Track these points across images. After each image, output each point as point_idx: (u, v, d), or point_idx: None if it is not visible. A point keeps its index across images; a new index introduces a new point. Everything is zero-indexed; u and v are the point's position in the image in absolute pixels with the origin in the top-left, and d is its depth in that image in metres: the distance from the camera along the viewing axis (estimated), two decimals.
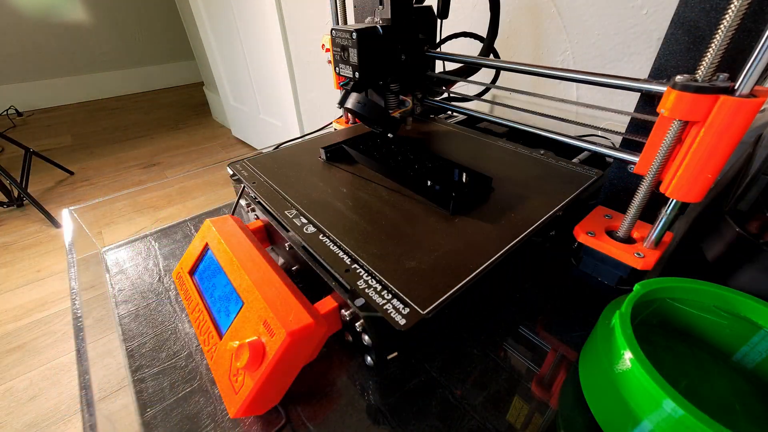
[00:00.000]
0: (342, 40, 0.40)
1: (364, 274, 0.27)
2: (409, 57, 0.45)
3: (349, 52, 0.40)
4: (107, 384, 0.31)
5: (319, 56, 1.24)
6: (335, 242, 0.31)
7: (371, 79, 0.42)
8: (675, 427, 0.21)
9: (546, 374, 0.29)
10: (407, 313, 0.24)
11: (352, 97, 0.41)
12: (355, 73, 0.41)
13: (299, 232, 0.32)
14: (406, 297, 0.25)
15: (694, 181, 0.26)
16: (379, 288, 0.26)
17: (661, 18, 0.49)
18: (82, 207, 0.51)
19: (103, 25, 2.90)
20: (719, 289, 0.28)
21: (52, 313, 1.15)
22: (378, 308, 0.24)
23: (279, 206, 0.36)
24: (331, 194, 0.38)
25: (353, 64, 0.40)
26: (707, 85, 0.23)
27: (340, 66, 0.43)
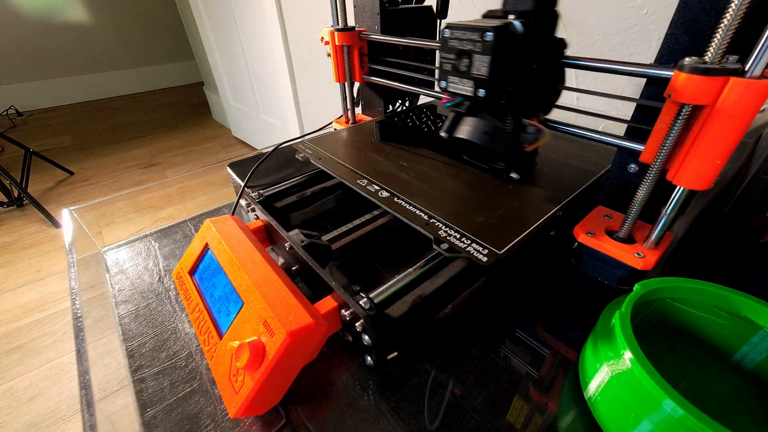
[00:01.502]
0: (462, 43, 0.29)
1: (442, 226, 0.31)
2: (541, 65, 0.31)
3: (473, 60, 0.29)
4: (107, 384, 0.31)
5: (319, 56, 1.24)
6: (409, 203, 0.34)
7: (500, 99, 0.31)
8: (675, 427, 0.21)
9: (546, 374, 0.29)
10: (487, 252, 0.27)
11: (468, 122, 0.32)
12: (477, 90, 0.30)
13: (375, 196, 0.35)
14: (483, 242, 0.28)
15: (703, 167, 0.25)
16: (458, 236, 0.29)
17: (661, 18, 0.49)
18: (82, 207, 0.51)
19: (103, 25, 2.89)
20: (719, 289, 0.28)
21: (52, 313, 1.15)
22: (461, 250, 0.28)
23: (350, 177, 0.38)
24: (394, 167, 0.41)
25: (479, 78, 0.29)
26: (717, 66, 0.22)
27: (452, 80, 0.31)
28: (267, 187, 0.43)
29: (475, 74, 0.30)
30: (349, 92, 0.57)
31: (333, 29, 0.51)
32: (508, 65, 0.29)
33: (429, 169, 0.41)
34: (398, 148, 0.46)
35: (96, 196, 1.78)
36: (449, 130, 0.35)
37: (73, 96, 2.99)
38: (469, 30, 0.29)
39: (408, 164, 0.41)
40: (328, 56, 0.54)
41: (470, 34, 0.29)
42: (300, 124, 1.57)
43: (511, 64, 0.29)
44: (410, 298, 0.28)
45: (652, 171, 0.28)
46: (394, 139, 0.48)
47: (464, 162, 0.41)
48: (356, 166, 0.41)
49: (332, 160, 0.42)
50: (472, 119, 0.33)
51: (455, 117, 0.34)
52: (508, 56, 0.29)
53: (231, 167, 0.49)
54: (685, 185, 0.27)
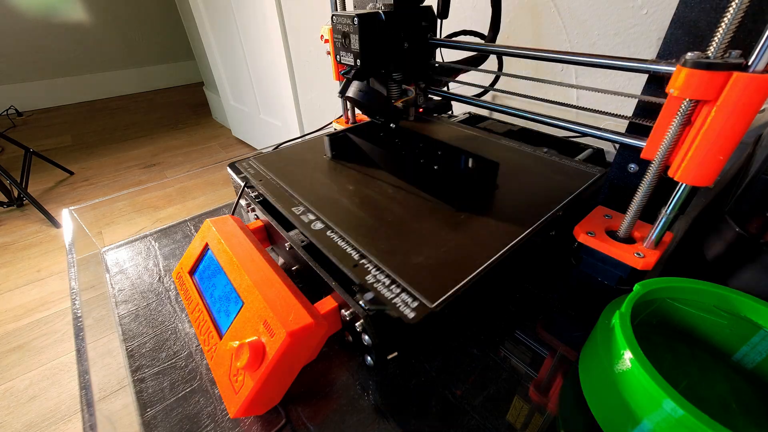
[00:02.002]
0: (343, 26, 0.39)
1: (372, 269, 0.28)
2: (412, 44, 0.43)
3: (350, 39, 0.38)
4: (107, 384, 0.31)
5: (319, 56, 1.24)
6: (343, 238, 0.31)
7: (373, 67, 0.41)
8: (675, 427, 0.21)
9: (546, 374, 0.29)
10: (416, 306, 0.25)
11: (353, 85, 0.40)
12: (356, 60, 0.39)
13: (307, 228, 0.33)
14: (414, 291, 0.26)
15: (705, 163, 0.25)
16: (387, 282, 0.27)
17: (661, 18, 0.49)
18: (82, 207, 0.51)
19: (103, 25, 2.89)
20: (719, 289, 0.28)
21: (52, 313, 1.15)
22: (386, 302, 0.25)
23: (286, 203, 0.37)
24: (338, 191, 0.38)
25: (354, 51, 0.39)
26: (720, 61, 0.22)
27: (341, 53, 0.41)
28: None
29: (353, 49, 0.39)
30: None
31: None
32: (374, 43, 0.39)
33: (376, 193, 0.38)
34: (348, 167, 0.44)
35: (96, 196, 1.78)
36: (342, 91, 0.41)
37: (73, 96, 2.99)
38: (346, 17, 0.38)
39: (354, 188, 0.39)
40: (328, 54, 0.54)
41: (347, 19, 0.38)
42: (300, 124, 1.57)
43: (378, 42, 0.39)
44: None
45: (653, 168, 0.28)
46: (347, 156, 0.46)
47: (418, 182, 0.39)
48: (297, 189, 0.39)
49: (272, 182, 0.40)
50: (356, 82, 0.40)
51: (346, 81, 0.41)
52: (375, 36, 0.38)
53: (231, 167, 0.48)
54: (687, 182, 0.26)
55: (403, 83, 0.46)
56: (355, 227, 0.32)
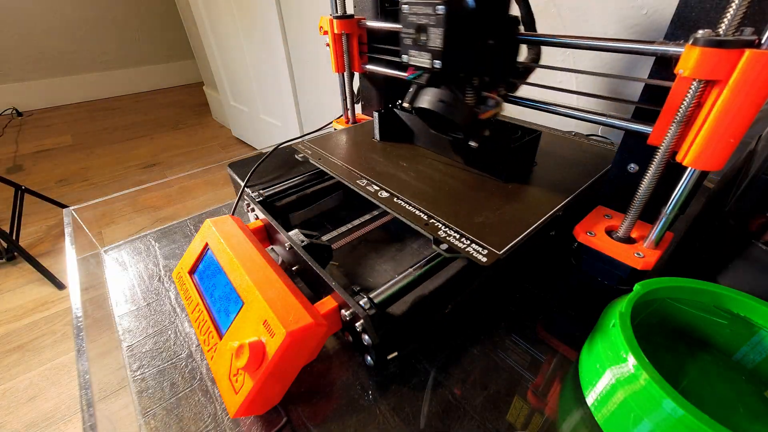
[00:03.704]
0: (418, 17, 0.31)
1: (441, 227, 0.31)
2: (497, 41, 0.34)
3: (429, 33, 0.31)
4: (107, 384, 0.31)
5: (319, 56, 1.24)
6: (409, 203, 0.34)
7: (455, 70, 0.33)
8: (675, 427, 0.21)
9: (546, 374, 0.29)
10: (486, 253, 0.28)
11: (426, 93, 0.34)
12: (434, 61, 0.32)
13: (374, 197, 0.35)
14: (482, 242, 0.29)
15: (716, 146, 0.24)
16: (457, 236, 0.30)
17: (661, 18, 0.49)
18: (82, 207, 0.51)
19: (104, 24, 2.89)
20: (719, 289, 0.28)
21: (52, 313, 1.15)
22: (461, 250, 0.28)
23: (349, 177, 0.39)
24: (393, 167, 0.41)
25: (434, 50, 0.31)
26: (732, 38, 0.22)
27: (411, 53, 0.33)
28: (267, 187, 0.43)
29: (431, 46, 0.32)
30: (348, 84, 0.57)
31: (332, 17, 0.50)
32: (461, 38, 0.31)
33: (428, 169, 0.41)
34: (397, 148, 0.46)
35: (96, 196, 1.77)
36: (411, 101, 0.35)
37: (73, 96, 2.99)
38: (423, 4, 0.30)
39: (407, 164, 0.42)
40: (327, 46, 0.54)
41: (424, 8, 0.31)
42: (300, 124, 1.57)
43: (465, 37, 0.31)
44: (410, 298, 0.28)
45: (660, 154, 0.27)
46: (394, 138, 0.48)
47: (466, 163, 0.41)
48: (355, 166, 0.41)
49: (331, 160, 0.42)
50: (431, 89, 0.34)
51: (417, 89, 0.35)
52: (460, 29, 0.31)
53: (231, 167, 0.49)
54: (696, 166, 0.25)
55: (483, 90, 0.35)
56: (417, 195, 0.35)
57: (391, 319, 0.27)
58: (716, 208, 0.34)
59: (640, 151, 0.32)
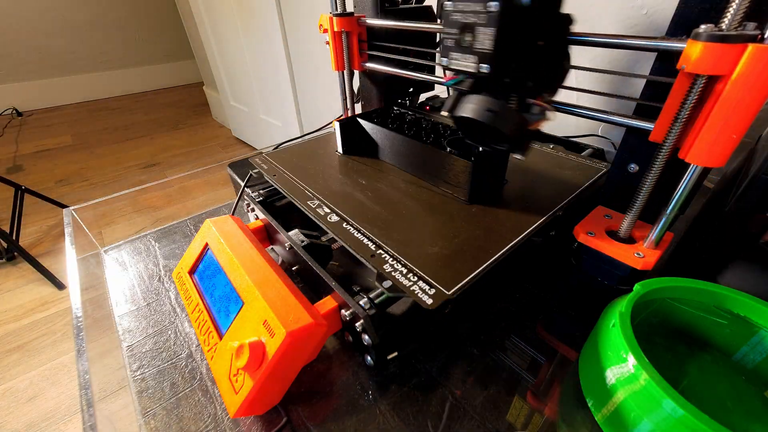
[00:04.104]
0: (465, 16, 0.27)
1: (389, 259, 0.28)
2: (548, 42, 0.30)
3: (476, 33, 0.27)
4: (107, 384, 0.31)
5: (319, 56, 1.24)
6: (359, 230, 0.32)
7: (505, 76, 0.29)
8: (675, 427, 0.21)
9: (546, 374, 0.29)
10: (433, 293, 0.25)
11: (471, 100, 0.30)
12: (481, 65, 0.28)
13: (323, 221, 0.33)
14: (431, 279, 0.26)
15: (718, 142, 0.24)
16: (404, 271, 0.27)
17: (661, 18, 0.49)
18: (82, 207, 0.51)
19: (103, 25, 2.89)
20: (719, 289, 0.28)
21: (52, 313, 1.15)
22: (405, 289, 0.25)
23: (301, 197, 0.37)
24: (351, 185, 0.39)
25: (483, 52, 0.27)
26: (734, 33, 0.21)
27: (453, 56, 0.30)
28: (267, 187, 0.43)
29: (478, 48, 0.28)
30: (348, 82, 0.57)
31: (331, 15, 0.50)
32: (513, 39, 0.27)
33: (388, 187, 0.38)
34: (359, 162, 0.43)
35: (96, 196, 1.77)
36: (451, 109, 0.32)
37: (73, 96, 2.99)
38: (472, 1, 0.27)
39: (367, 182, 0.39)
40: (327, 44, 0.54)
41: (473, 5, 0.27)
42: (300, 124, 1.57)
43: (517, 38, 0.27)
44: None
45: (662, 151, 0.27)
46: (358, 150, 0.46)
47: (428, 180, 0.39)
48: (310, 183, 0.39)
49: (286, 177, 0.40)
50: (476, 96, 0.30)
51: (457, 95, 0.32)
52: (514, 29, 0.27)
53: (231, 167, 0.49)
54: (698, 163, 0.25)
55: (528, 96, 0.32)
56: (370, 220, 0.33)
57: (391, 319, 0.27)
58: (716, 208, 0.34)
59: (641, 150, 0.32)
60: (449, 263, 0.28)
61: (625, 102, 0.33)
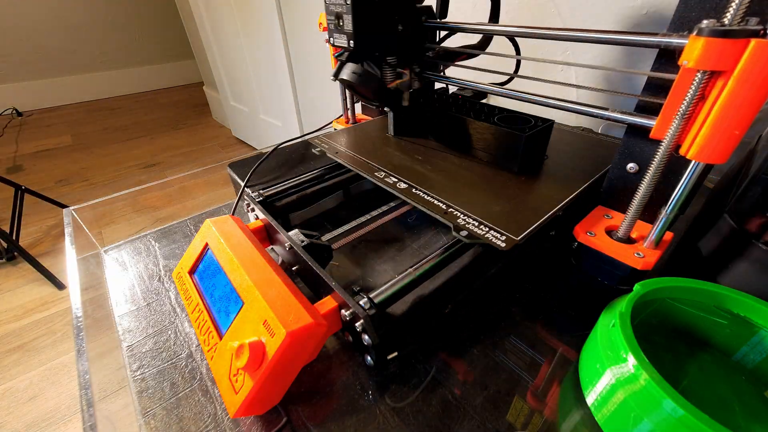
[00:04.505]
0: (336, 7, 0.38)
1: (460, 215, 0.32)
2: (406, 27, 0.42)
3: (343, 19, 0.38)
4: (107, 384, 0.31)
5: (319, 56, 1.24)
6: (427, 194, 0.35)
7: (367, 49, 0.40)
8: (675, 427, 0.21)
9: (546, 374, 0.29)
10: (505, 239, 0.29)
11: (347, 67, 0.40)
12: (349, 41, 0.39)
13: (393, 188, 0.37)
14: (500, 229, 0.30)
15: (720, 138, 0.24)
16: (476, 223, 0.31)
17: (661, 19, 0.49)
18: (82, 207, 0.51)
19: (103, 25, 2.89)
20: (719, 289, 0.28)
21: (52, 313, 1.15)
22: (480, 237, 0.29)
23: (368, 169, 0.40)
24: (409, 160, 0.42)
25: (348, 32, 0.38)
26: (737, 28, 0.21)
27: (335, 36, 0.40)
28: (267, 187, 0.43)
29: (346, 30, 0.38)
30: None
31: None
32: (368, 23, 0.38)
33: (444, 162, 0.42)
34: (411, 143, 0.47)
35: (96, 196, 1.77)
36: (336, 74, 0.41)
37: (73, 96, 2.99)
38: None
39: (423, 158, 0.43)
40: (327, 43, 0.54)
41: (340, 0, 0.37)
42: (300, 124, 1.57)
43: (372, 23, 0.38)
44: (410, 298, 0.28)
45: (663, 147, 0.27)
46: (408, 133, 0.49)
47: (478, 157, 0.43)
48: (372, 159, 0.43)
49: (348, 154, 0.44)
50: (349, 64, 0.40)
51: (340, 64, 0.41)
52: (366, 16, 0.37)
53: (231, 167, 0.49)
54: (700, 159, 0.25)
55: (398, 67, 0.45)
56: (435, 186, 0.37)
57: (391, 319, 0.27)
58: (716, 208, 0.34)
59: (641, 150, 0.32)
60: (512, 218, 0.32)
61: (626, 102, 0.33)
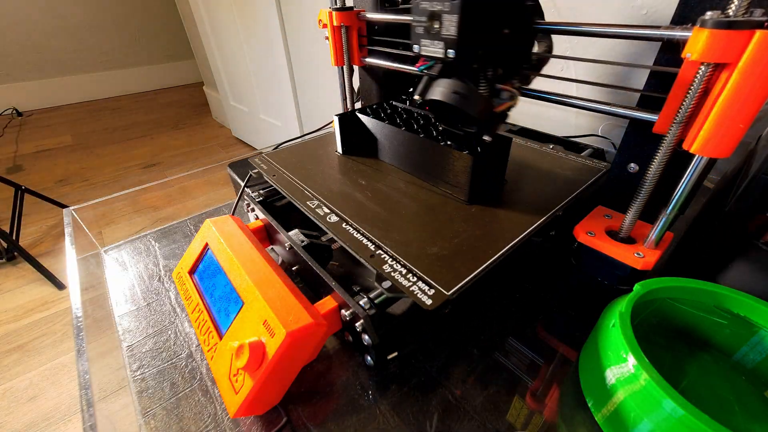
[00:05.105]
0: (432, 4, 0.30)
1: (389, 259, 0.28)
2: (513, 30, 0.33)
3: (442, 21, 0.30)
4: (107, 384, 0.31)
5: (319, 56, 1.24)
6: (358, 230, 0.32)
7: (470, 60, 0.31)
8: (675, 427, 0.21)
9: (546, 374, 0.29)
10: (433, 293, 0.25)
11: (440, 84, 0.32)
12: (447, 50, 0.30)
13: (322, 221, 0.33)
14: (430, 279, 0.26)
15: (725, 132, 0.23)
16: (404, 271, 0.27)
17: (661, 19, 0.49)
18: (82, 207, 0.51)
19: (103, 25, 2.89)
20: (719, 289, 0.28)
21: (52, 313, 1.15)
22: (404, 290, 0.25)
23: (300, 197, 0.37)
24: (350, 186, 0.39)
25: (448, 38, 0.30)
26: (741, 19, 0.21)
27: (422, 42, 0.32)
28: (267, 187, 0.43)
29: (444, 35, 0.30)
30: (348, 79, 0.57)
31: (331, 9, 0.50)
32: (477, 26, 0.30)
33: (388, 188, 0.38)
34: (359, 163, 0.44)
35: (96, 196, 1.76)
36: (422, 93, 0.34)
37: (73, 96, 2.99)
38: None
39: (366, 182, 0.39)
40: (326, 39, 0.54)
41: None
42: (300, 124, 1.57)
43: (480, 26, 0.30)
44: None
45: (666, 142, 0.26)
46: (358, 150, 0.46)
47: (428, 180, 0.39)
48: (309, 184, 0.39)
49: (286, 177, 0.40)
50: (445, 80, 0.32)
51: (428, 80, 0.34)
52: (477, 16, 0.29)
53: (231, 167, 0.49)
54: (704, 153, 0.25)
55: (497, 82, 0.35)
56: (370, 220, 0.33)
57: (391, 319, 0.27)
58: (716, 208, 0.34)
59: (641, 150, 0.32)
60: (449, 263, 0.27)
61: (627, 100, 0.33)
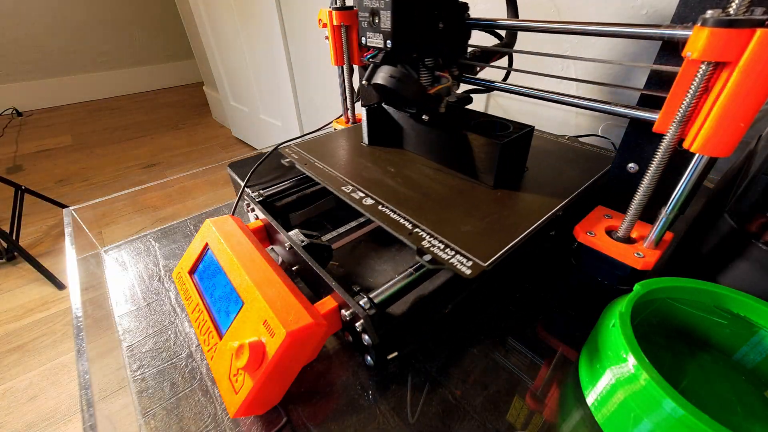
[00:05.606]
0: (372, 2, 0.35)
1: (426, 236, 0.30)
2: (447, 25, 0.38)
3: (380, 16, 0.34)
4: (107, 384, 0.31)
5: (319, 56, 1.24)
6: (394, 211, 0.33)
7: (405, 50, 0.36)
8: (675, 427, 0.21)
9: (546, 374, 0.29)
10: (471, 264, 0.27)
11: (382, 70, 0.36)
12: (386, 41, 0.35)
13: (359, 204, 0.34)
14: (468, 252, 0.28)
15: (725, 131, 0.23)
16: (442, 246, 0.29)
17: (660, 19, 0.49)
18: (82, 207, 0.51)
19: (103, 25, 2.89)
20: (719, 289, 0.28)
21: (52, 313, 1.15)
22: (444, 262, 0.27)
23: (335, 183, 0.38)
24: (380, 173, 0.40)
25: (385, 31, 0.35)
26: (742, 18, 0.21)
27: (368, 35, 0.37)
28: (267, 187, 0.43)
29: (383, 28, 0.35)
30: (347, 78, 0.57)
31: (331, 9, 0.50)
32: (409, 20, 0.34)
33: (416, 175, 0.40)
34: (386, 152, 0.45)
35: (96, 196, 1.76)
36: (368, 78, 0.38)
37: (73, 96, 2.99)
38: None
39: (395, 170, 0.41)
40: (327, 39, 0.54)
41: None
42: (300, 124, 1.57)
43: (413, 20, 0.35)
44: (410, 298, 0.28)
45: (667, 141, 0.27)
46: (383, 142, 0.47)
47: (454, 168, 0.40)
48: (342, 171, 0.40)
49: (317, 166, 0.42)
50: (386, 67, 0.36)
51: (373, 67, 0.38)
52: (408, 13, 0.34)
53: (231, 167, 0.49)
54: (705, 152, 0.25)
55: (436, 70, 0.40)
56: (403, 202, 0.35)
57: (391, 319, 0.27)
58: (716, 208, 0.34)
59: (641, 150, 0.32)
60: (483, 239, 0.29)
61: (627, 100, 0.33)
